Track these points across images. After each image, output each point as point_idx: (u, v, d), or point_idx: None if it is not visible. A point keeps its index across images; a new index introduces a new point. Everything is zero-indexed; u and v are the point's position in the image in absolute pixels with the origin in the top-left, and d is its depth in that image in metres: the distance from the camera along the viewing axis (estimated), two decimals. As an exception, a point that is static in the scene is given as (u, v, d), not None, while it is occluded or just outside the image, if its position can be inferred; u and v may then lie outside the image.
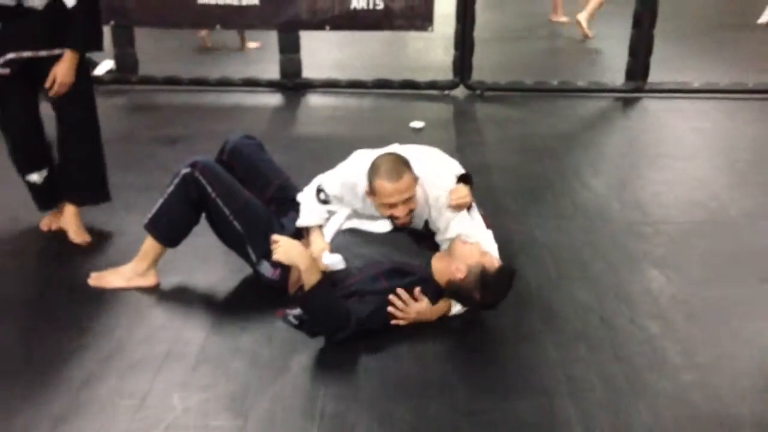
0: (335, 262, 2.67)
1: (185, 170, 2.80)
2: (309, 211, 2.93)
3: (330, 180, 2.90)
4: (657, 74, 5.85)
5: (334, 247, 2.78)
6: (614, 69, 6.12)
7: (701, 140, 4.90)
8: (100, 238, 3.34)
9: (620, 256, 3.26)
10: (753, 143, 4.84)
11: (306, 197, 2.96)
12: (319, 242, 2.85)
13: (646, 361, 2.53)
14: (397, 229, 2.84)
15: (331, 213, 2.94)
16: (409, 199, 2.72)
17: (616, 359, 2.53)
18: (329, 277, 2.56)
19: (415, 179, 2.73)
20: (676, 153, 4.60)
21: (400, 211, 2.72)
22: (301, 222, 2.93)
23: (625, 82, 5.87)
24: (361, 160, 2.85)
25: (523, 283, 2.93)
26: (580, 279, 3.06)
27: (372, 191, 2.73)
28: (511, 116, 5.31)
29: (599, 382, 2.41)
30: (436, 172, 2.83)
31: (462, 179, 2.86)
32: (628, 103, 5.71)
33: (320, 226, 2.92)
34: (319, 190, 2.90)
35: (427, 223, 2.87)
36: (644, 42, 5.73)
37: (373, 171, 2.70)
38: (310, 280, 2.49)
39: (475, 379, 2.43)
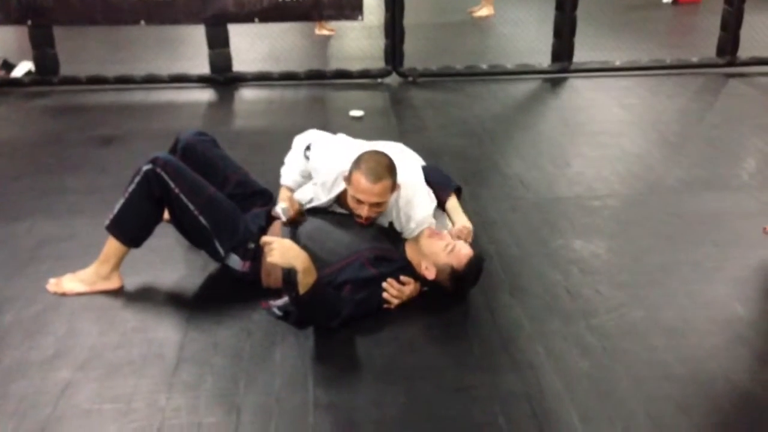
0: (281, 213, 2.90)
1: (146, 167, 2.72)
2: (291, 171, 3.08)
3: (320, 149, 2.97)
4: (580, 54, 6.02)
5: (309, 230, 2.78)
6: (540, 51, 6.25)
7: (630, 116, 5.08)
8: (49, 244, 3.21)
9: (575, 230, 3.35)
10: (679, 116, 5.04)
11: (291, 157, 3.11)
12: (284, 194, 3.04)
13: (617, 328, 2.62)
14: None
15: (304, 179, 3.07)
16: (378, 204, 2.73)
17: (588, 329, 2.61)
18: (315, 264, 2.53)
19: (394, 187, 2.74)
20: (609, 129, 4.75)
21: (364, 211, 2.74)
22: (283, 179, 3.08)
23: (552, 63, 6.01)
24: (348, 149, 2.88)
25: (489, 261, 2.98)
26: (542, 255, 3.14)
27: (349, 180, 2.73)
28: (447, 101, 5.36)
29: (577, 352, 2.48)
30: (416, 188, 2.88)
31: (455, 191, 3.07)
32: (556, 83, 5.86)
33: (290, 189, 3.07)
34: (308, 148, 3.00)
35: (391, 224, 2.89)
36: (567, 24, 5.89)
37: (357, 163, 2.71)
38: (307, 281, 2.44)
39: (459, 358, 2.47)
